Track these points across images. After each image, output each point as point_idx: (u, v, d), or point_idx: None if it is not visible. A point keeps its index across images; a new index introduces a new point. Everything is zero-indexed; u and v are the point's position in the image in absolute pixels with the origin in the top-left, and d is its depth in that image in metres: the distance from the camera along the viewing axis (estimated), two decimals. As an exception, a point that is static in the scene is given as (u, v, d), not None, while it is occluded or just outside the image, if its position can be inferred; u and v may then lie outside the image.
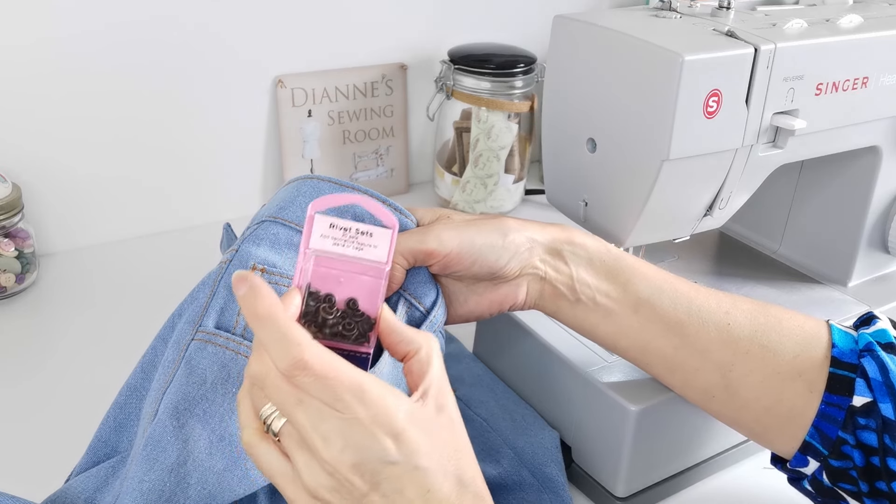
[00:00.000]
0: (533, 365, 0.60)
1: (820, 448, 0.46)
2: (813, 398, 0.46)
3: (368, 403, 0.37)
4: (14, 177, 0.79)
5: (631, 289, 0.49)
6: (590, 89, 0.54)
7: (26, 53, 0.78)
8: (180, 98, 0.87)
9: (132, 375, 0.51)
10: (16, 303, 0.77)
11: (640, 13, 0.57)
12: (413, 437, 0.37)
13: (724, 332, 0.48)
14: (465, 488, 0.39)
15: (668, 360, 0.49)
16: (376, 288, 0.42)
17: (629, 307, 0.49)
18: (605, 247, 0.51)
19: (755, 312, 0.49)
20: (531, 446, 0.57)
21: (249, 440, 0.39)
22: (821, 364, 0.46)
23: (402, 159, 1.02)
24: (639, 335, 0.49)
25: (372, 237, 0.43)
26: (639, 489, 0.56)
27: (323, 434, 0.36)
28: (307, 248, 0.42)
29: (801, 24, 0.55)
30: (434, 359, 0.41)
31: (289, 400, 0.37)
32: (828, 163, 0.66)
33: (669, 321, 0.48)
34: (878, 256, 0.69)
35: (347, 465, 0.36)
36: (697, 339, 0.48)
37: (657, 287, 0.49)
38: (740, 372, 0.47)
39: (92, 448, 0.50)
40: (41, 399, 0.64)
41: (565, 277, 0.49)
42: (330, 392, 0.36)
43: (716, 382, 0.48)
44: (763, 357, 0.47)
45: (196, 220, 0.93)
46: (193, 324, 0.47)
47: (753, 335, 0.48)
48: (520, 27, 1.03)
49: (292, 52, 0.91)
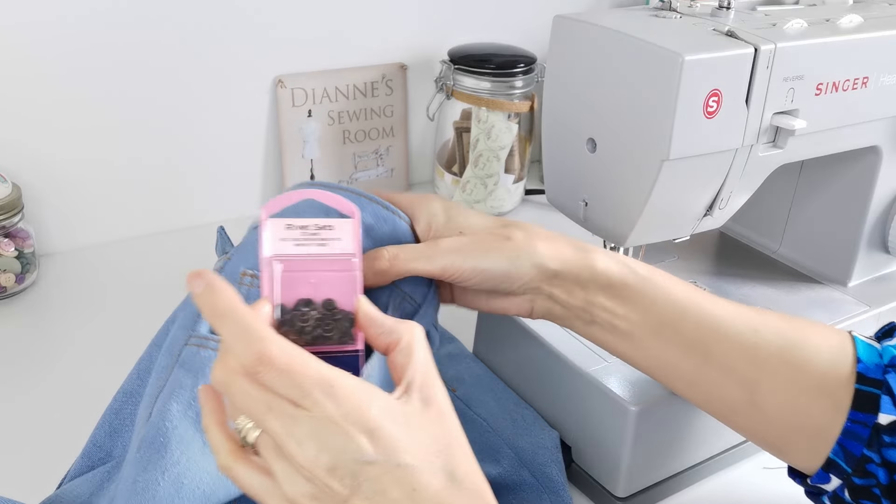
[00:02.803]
0: (533, 365, 0.60)
1: (844, 466, 0.45)
2: (838, 415, 0.45)
3: (339, 399, 0.35)
4: (14, 177, 0.79)
5: (653, 311, 0.47)
6: (590, 89, 0.54)
7: (26, 54, 0.78)
8: (180, 98, 0.87)
9: (127, 380, 0.51)
10: (16, 303, 0.77)
11: (640, 13, 0.57)
12: (390, 433, 0.35)
13: (751, 351, 0.46)
14: (459, 484, 0.36)
15: (689, 377, 0.48)
16: (351, 282, 0.40)
17: (650, 330, 0.47)
18: (629, 268, 0.48)
19: (782, 327, 0.47)
20: (531, 446, 0.57)
21: (225, 463, 0.37)
22: (846, 380, 0.45)
23: (402, 159, 1.02)
24: (659, 355, 0.48)
25: (333, 230, 0.41)
26: (638, 489, 0.56)
27: (297, 438, 0.35)
28: (265, 256, 0.39)
29: (801, 24, 0.55)
30: (416, 349, 0.39)
31: (258, 407, 0.36)
32: (828, 163, 0.66)
33: (692, 342, 0.47)
34: (878, 256, 0.69)
35: (324, 469, 0.34)
36: (722, 358, 0.46)
37: (681, 308, 0.47)
38: (766, 390, 0.46)
39: (86, 452, 0.50)
40: (41, 399, 0.64)
41: (579, 301, 0.48)
42: (297, 388, 0.35)
43: (740, 400, 0.46)
44: (790, 375, 0.46)
45: (196, 220, 0.93)
46: (187, 329, 0.47)
47: (780, 352, 0.46)
48: (520, 27, 1.03)
49: (292, 52, 0.91)
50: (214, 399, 0.39)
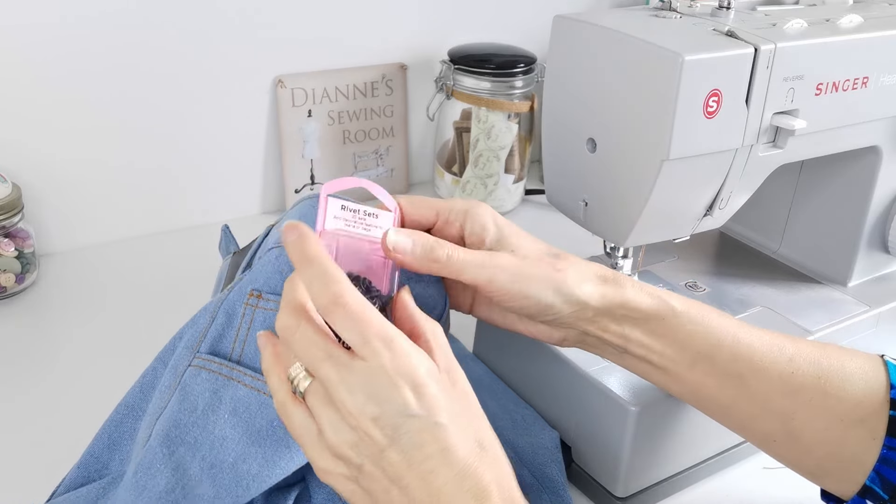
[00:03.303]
0: (533, 365, 0.60)
1: (881, 492, 0.45)
2: (874, 443, 0.45)
3: (395, 352, 0.37)
4: (14, 177, 0.79)
5: (689, 346, 0.46)
6: (590, 89, 0.54)
7: (27, 55, 0.78)
8: (180, 98, 0.87)
9: (129, 394, 0.50)
10: (16, 303, 0.77)
11: (640, 13, 0.57)
12: (434, 393, 0.38)
13: (787, 382, 0.46)
14: (484, 450, 0.39)
15: (724, 407, 0.47)
16: (388, 267, 0.44)
17: (685, 365, 0.47)
18: (664, 301, 0.47)
19: (818, 356, 0.47)
20: (531, 447, 0.57)
21: (283, 401, 0.40)
22: (881, 407, 0.45)
23: (402, 159, 1.02)
24: (694, 386, 0.47)
25: (378, 218, 0.45)
26: (638, 489, 0.56)
27: (349, 386, 0.37)
28: (327, 229, 0.43)
29: (801, 24, 0.55)
30: (441, 340, 0.41)
31: (317, 353, 0.38)
32: (828, 163, 0.66)
33: (728, 374, 0.46)
34: (878, 256, 0.69)
35: (369, 418, 0.37)
36: (758, 390, 0.46)
37: (717, 341, 0.46)
38: (802, 420, 0.46)
39: (83, 463, 0.50)
40: (41, 399, 0.64)
41: (613, 336, 0.47)
42: (360, 335, 0.37)
43: (776, 429, 0.46)
44: (826, 405, 0.45)
45: (196, 220, 0.93)
46: (191, 349, 0.48)
47: (817, 382, 0.46)
48: (520, 27, 1.03)
49: (292, 52, 0.91)
50: (273, 344, 0.42)
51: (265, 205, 0.97)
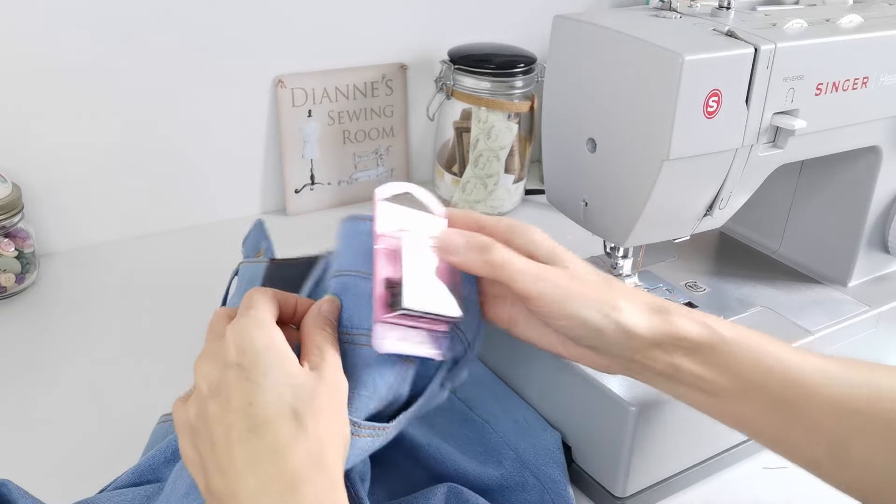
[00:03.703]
0: (533, 365, 0.60)
1: None
2: None
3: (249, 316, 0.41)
4: (14, 177, 0.79)
5: (740, 375, 0.45)
6: (590, 89, 0.54)
7: (27, 55, 0.78)
8: (180, 98, 0.87)
9: None
10: (16, 303, 0.77)
11: (640, 13, 0.57)
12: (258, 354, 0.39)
13: (839, 408, 0.44)
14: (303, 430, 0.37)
15: (775, 435, 0.46)
16: (450, 273, 0.46)
17: (736, 393, 0.45)
18: (713, 330, 0.45)
19: (867, 378, 0.45)
20: (533, 448, 0.57)
21: None
22: None
23: (402, 159, 1.02)
24: (743, 413, 0.46)
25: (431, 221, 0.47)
26: (639, 489, 0.56)
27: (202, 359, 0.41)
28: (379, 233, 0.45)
29: (801, 24, 0.55)
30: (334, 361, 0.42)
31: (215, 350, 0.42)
32: (828, 163, 0.66)
33: (778, 401, 0.45)
34: (878, 256, 0.69)
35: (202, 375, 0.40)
36: (808, 417, 0.44)
37: (767, 368, 0.45)
38: (855, 445, 0.44)
39: (138, 470, 0.49)
40: (41, 399, 0.64)
41: (661, 366, 0.45)
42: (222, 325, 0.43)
43: (828, 456, 0.45)
44: (878, 427, 0.44)
45: (196, 220, 0.93)
46: None
47: (868, 405, 0.44)
48: (520, 27, 1.03)
49: (292, 52, 0.91)
50: None
51: (265, 205, 0.97)
